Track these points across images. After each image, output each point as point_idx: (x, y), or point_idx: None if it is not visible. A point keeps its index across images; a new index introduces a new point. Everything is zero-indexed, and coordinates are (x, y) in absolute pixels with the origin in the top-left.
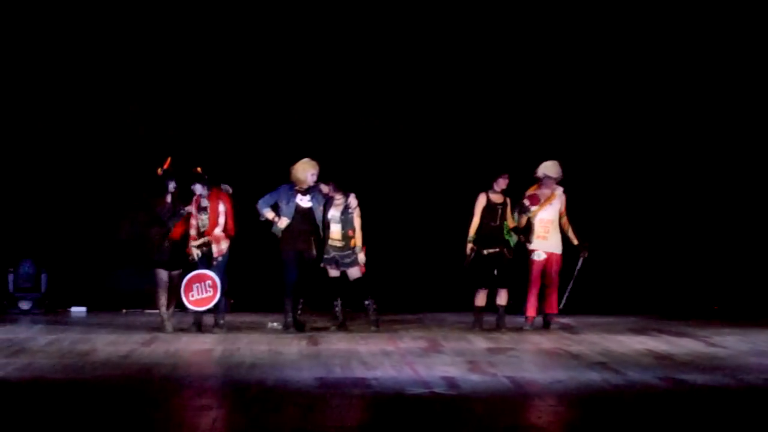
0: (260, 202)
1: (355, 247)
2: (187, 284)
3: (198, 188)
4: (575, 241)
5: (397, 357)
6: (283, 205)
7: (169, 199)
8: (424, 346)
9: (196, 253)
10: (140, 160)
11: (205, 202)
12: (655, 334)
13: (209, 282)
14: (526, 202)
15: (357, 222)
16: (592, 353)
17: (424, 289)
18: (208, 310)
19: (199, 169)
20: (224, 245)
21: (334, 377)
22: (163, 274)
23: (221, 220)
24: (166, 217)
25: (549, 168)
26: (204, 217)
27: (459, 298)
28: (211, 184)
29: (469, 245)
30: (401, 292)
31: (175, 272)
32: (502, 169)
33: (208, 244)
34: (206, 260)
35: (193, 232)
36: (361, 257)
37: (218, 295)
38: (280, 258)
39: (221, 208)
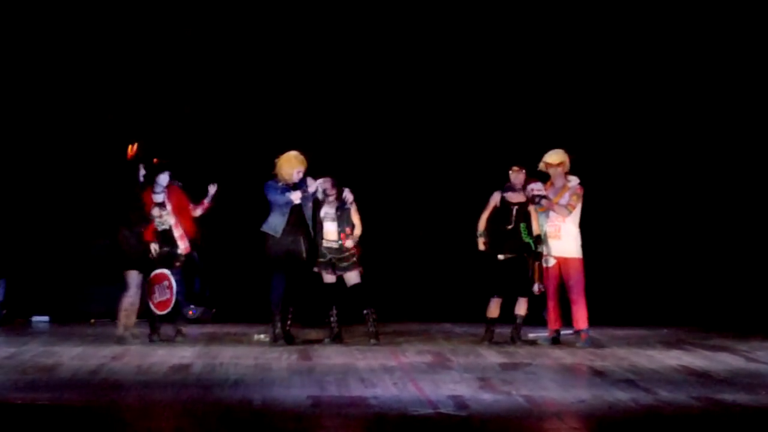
0: (275, 197)
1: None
2: (149, 286)
3: (164, 179)
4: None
5: (399, 373)
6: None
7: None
8: (430, 361)
9: (154, 248)
10: (109, 165)
11: (160, 198)
12: (690, 348)
13: (166, 283)
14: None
15: (356, 218)
16: (618, 369)
17: (430, 298)
18: (167, 316)
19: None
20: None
21: (328, 396)
22: (136, 277)
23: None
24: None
25: (548, 156)
26: (164, 213)
27: (469, 308)
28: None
29: (480, 240)
30: (404, 301)
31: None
32: (514, 162)
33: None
34: (169, 260)
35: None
36: (349, 243)
37: (174, 298)
38: (266, 261)
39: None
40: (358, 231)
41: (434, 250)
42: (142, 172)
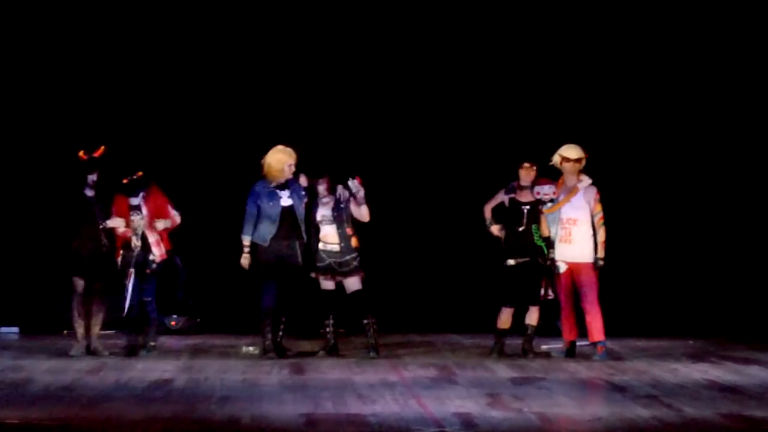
0: (245, 216)
1: (355, 248)
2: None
3: (137, 199)
4: (599, 252)
5: (400, 389)
6: (265, 206)
7: (89, 193)
8: (435, 376)
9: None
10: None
11: (135, 201)
12: (717, 360)
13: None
14: (543, 188)
15: (357, 210)
16: (640, 384)
17: (435, 307)
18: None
19: (140, 173)
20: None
21: (323, 413)
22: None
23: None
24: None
25: (566, 150)
26: (137, 218)
27: (478, 318)
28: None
29: (494, 227)
30: (407, 310)
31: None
32: (523, 158)
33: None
34: (143, 266)
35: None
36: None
37: (127, 305)
38: (257, 268)
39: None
40: (365, 216)
41: (440, 256)
42: (93, 178)
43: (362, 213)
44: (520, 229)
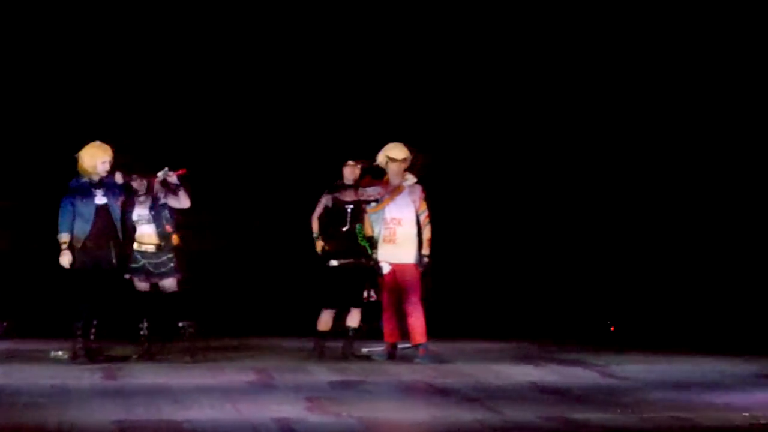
0: (60, 213)
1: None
2: None
3: None
4: (424, 250)
5: (217, 394)
6: (80, 205)
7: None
8: (252, 380)
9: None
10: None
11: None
12: (541, 362)
13: None
14: (366, 190)
15: (176, 201)
16: (463, 387)
17: (254, 309)
18: None
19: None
20: None
21: (135, 419)
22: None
23: None
24: None
25: (391, 149)
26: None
27: (297, 320)
28: None
29: (319, 243)
30: (224, 312)
31: None
32: (346, 156)
33: None
34: None
35: None
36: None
37: None
38: (70, 270)
39: None
40: (185, 202)
41: (259, 256)
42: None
43: (181, 201)
44: (344, 229)
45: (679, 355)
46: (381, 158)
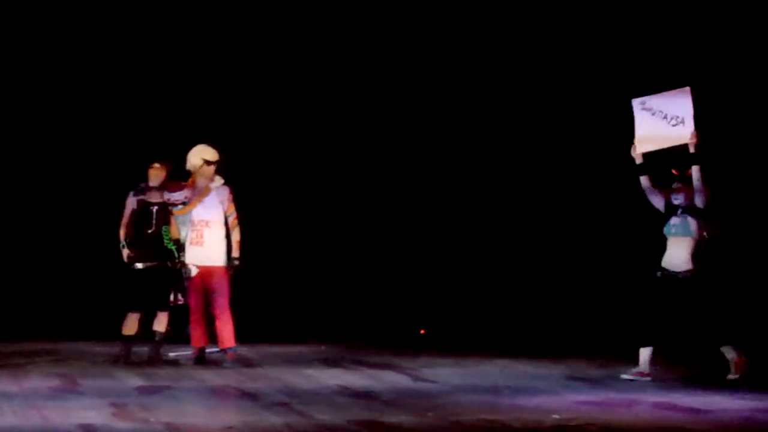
0: None
1: None
2: None
3: None
4: (234, 252)
5: (20, 400)
6: None
7: None
8: (57, 386)
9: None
10: None
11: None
12: (352, 366)
13: None
14: (172, 195)
15: None
16: (272, 391)
17: (57, 312)
18: None
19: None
20: None
21: None
22: None
23: None
24: None
25: (205, 152)
26: None
27: (103, 323)
28: None
29: (125, 252)
30: (28, 315)
31: None
32: (152, 159)
33: None
34: None
35: None
36: None
37: None
38: None
39: None
40: None
41: (61, 258)
42: None
43: None
44: (149, 231)
45: (489, 358)
46: (195, 160)
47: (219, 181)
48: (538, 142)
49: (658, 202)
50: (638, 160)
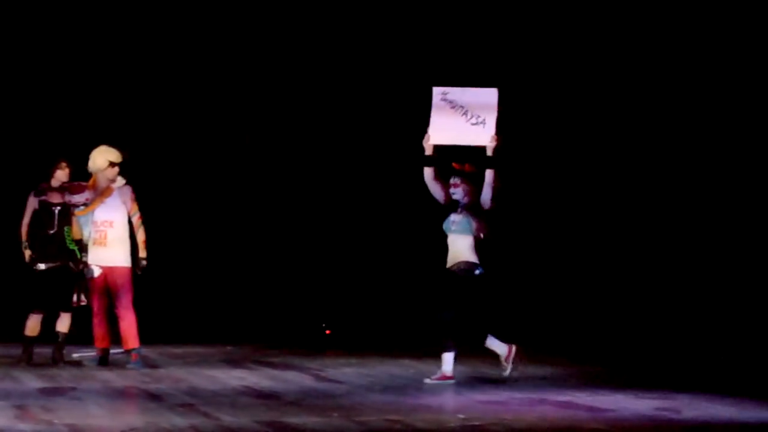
0: None
1: None
2: None
3: None
4: (141, 252)
5: None
6: None
7: None
8: None
9: None
10: None
11: None
12: (255, 367)
13: None
14: (73, 197)
15: None
16: (176, 392)
17: None
18: None
19: None
20: None
21: None
22: None
23: None
24: None
25: (109, 153)
26: None
27: (4, 324)
28: None
29: (27, 252)
30: None
31: None
32: (58, 157)
33: None
34: None
35: None
36: None
37: None
38: None
39: None
40: None
41: None
42: None
43: None
44: (51, 231)
45: (392, 358)
46: (100, 162)
47: (121, 181)
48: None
49: (439, 195)
50: (428, 151)
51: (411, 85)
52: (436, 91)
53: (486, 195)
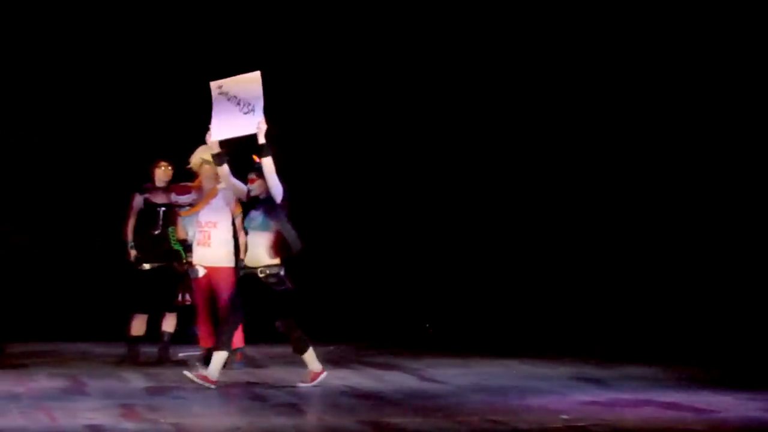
0: None
1: None
2: None
3: None
4: (242, 254)
5: (27, 401)
6: None
7: None
8: (64, 387)
9: None
10: None
11: None
12: (358, 366)
13: None
14: (179, 198)
15: None
16: (279, 393)
17: (62, 313)
18: None
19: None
20: None
21: None
22: None
23: None
24: None
25: (206, 152)
26: None
27: (109, 324)
28: None
29: (132, 252)
30: (31, 316)
31: None
32: (158, 157)
33: None
34: None
35: None
36: None
37: None
38: None
39: None
40: None
41: (66, 257)
42: None
43: None
44: (156, 232)
45: (495, 358)
46: (196, 160)
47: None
48: (539, 141)
49: (240, 192)
50: (214, 149)
51: None
52: (213, 85)
53: (272, 188)
